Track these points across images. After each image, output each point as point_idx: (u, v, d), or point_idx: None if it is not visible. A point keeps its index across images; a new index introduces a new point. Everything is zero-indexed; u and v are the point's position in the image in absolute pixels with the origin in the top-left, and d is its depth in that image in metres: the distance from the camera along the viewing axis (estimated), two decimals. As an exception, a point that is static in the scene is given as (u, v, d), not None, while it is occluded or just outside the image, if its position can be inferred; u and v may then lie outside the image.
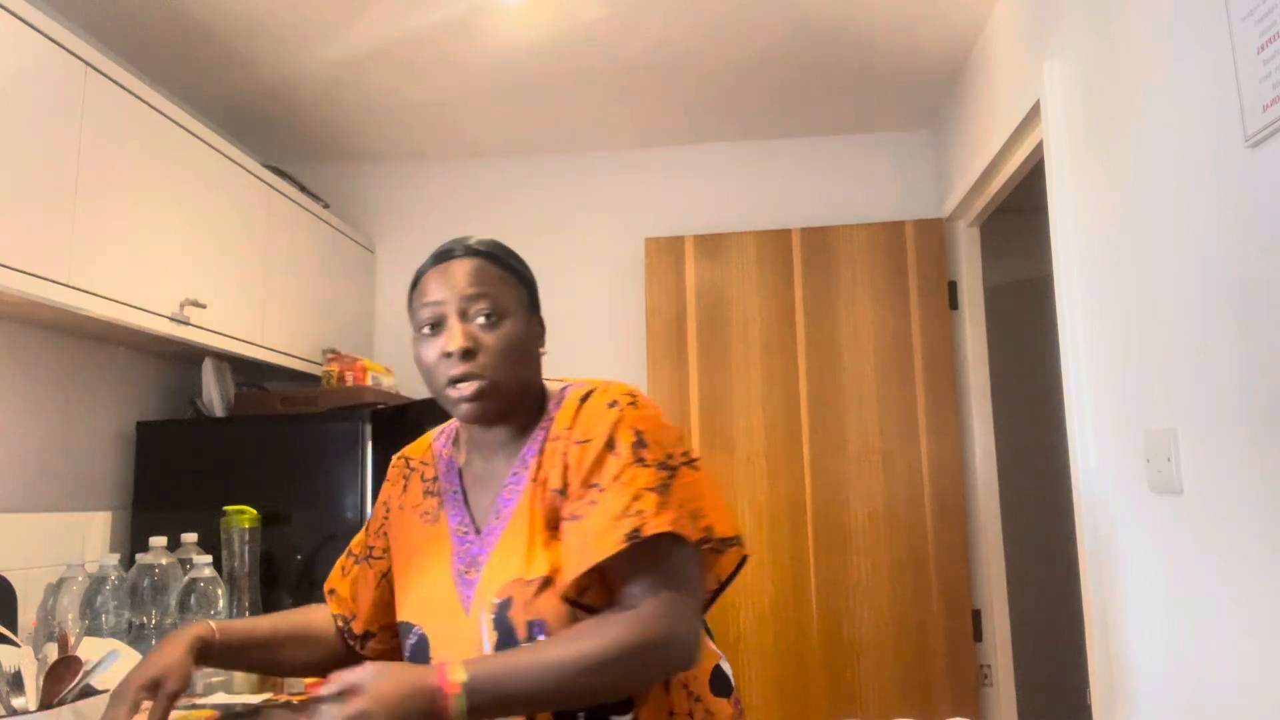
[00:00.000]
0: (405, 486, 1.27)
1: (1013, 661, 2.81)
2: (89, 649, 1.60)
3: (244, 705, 1.65)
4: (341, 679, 0.96)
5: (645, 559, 1.03)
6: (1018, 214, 3.59)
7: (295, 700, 0.99)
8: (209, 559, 1.97)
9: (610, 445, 1.09)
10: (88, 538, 2.26)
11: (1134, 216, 1.62)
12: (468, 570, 1.13)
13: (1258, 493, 1.27)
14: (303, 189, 2.86)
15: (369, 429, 2.31)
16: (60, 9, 2.24)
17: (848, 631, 2.82)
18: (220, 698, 1.74)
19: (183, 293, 2.15)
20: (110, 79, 1.93)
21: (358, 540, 1.33)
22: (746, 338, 3.00)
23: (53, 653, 1.48)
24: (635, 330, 3.19)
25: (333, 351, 2.84)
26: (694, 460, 1.12)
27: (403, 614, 1.18)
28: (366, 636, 1.27)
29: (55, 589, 1.90)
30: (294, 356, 2.68)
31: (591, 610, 1.06)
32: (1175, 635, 1.53)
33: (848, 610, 2.83)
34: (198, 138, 2.24)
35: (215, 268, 2.31)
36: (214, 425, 2.46)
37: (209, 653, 1.17)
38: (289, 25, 2.38)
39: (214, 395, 2.53)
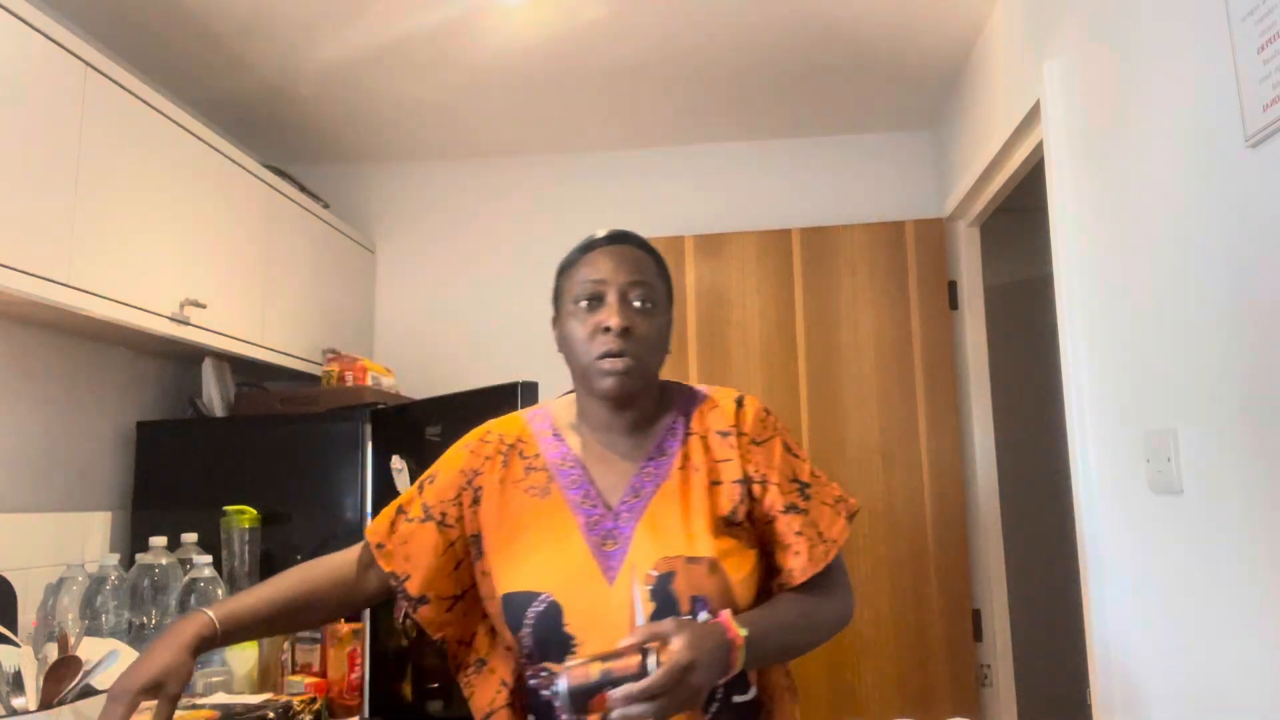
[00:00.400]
0: (505, 462, 1.27)
1: (1013, 661, 2.80)
2: (89, 649, 1.60)
3: (244, 705, 1.65)
4: (646, 631, 1.02)
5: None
6: (1018, 214, 3.59)
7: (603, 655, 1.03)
8: (209, 559, 1.97)
9: (788, 449, 1.26)
10: (88, 538, 2.26)
11: (1134, 216, 1.62)
12: (605, 543, 1.19)
13: (1258, 493, 1.27)
14: (303, 189, 2.86)
15: (369, 429, 2.31)
16: (60, 9, 2.24)
17: (848, 631, 2.81)
18: (220, 698, 1.74)
19: (183, 293, 2.15)
20: (110, 79, 1.93)
21: (410, 499, 1.29)
22: (746, 338, 3.00)
23: (53, 653, 1.48)
24: (635, 330, 3.18)
25: (333, 351, 2.84)
26: None
27: (517, 583, 1.18)
28: (421, 600, 1.25)
29: (55, 589, 1.90)
30: (294, 356, 2.68)
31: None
32: (1175, 635, 1.53)
33: (848, 610, 2.82)
34: (198, 138, 2.24)
35: (215, 268, 2.30)
36: (214, 425, 2.46)
37: (211, 646, 1.17)
38: (289, 25, 2.38)
39: (214, 395, 2.53)
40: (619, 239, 1.26)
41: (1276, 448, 1.23)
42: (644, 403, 1.26)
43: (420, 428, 2.05)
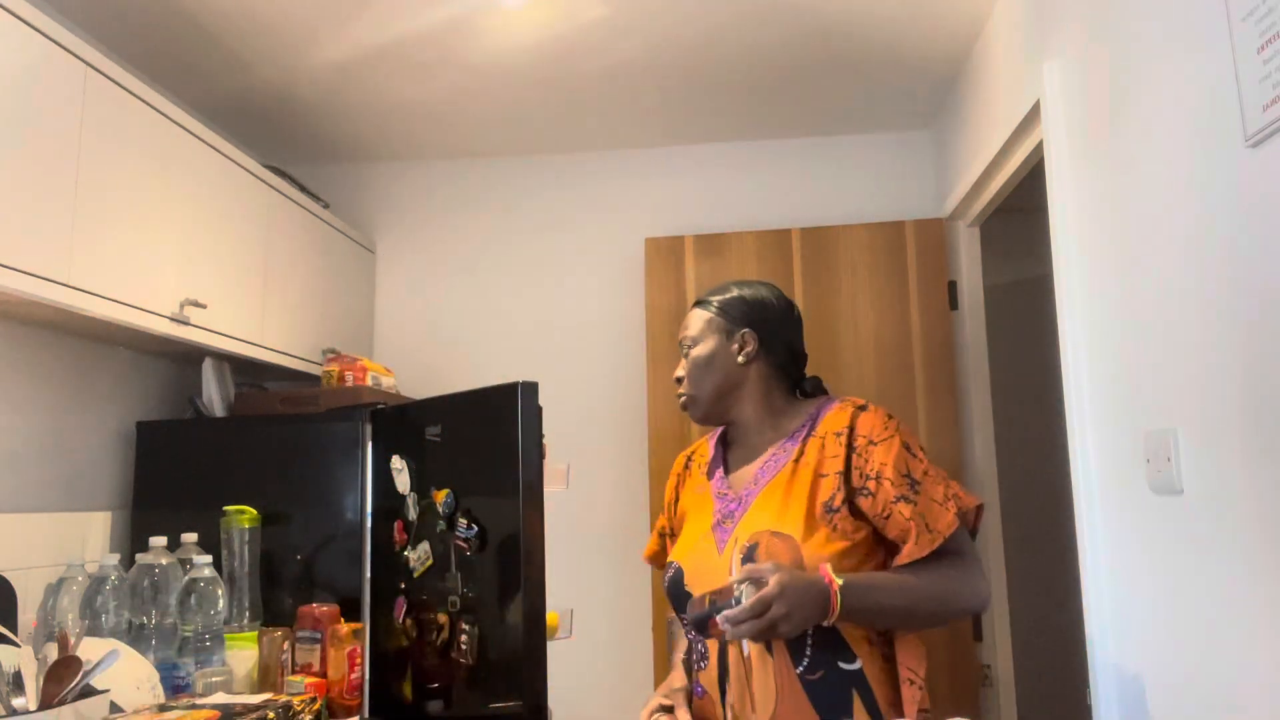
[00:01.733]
0: (687, 467, 1.68)
1: (1013, 661, 2.81)
2: (89, 649, 1.60)
3: (244, 705, 1.65)
4: (748, 570, 1.26)
5: (960, 530, 1.41)
6: (1018, 214, 3.59)
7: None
8: (209, 559, 1.97)
9: (907, 448, 1.42)
10: (88, 538, 2.26)
11: (1134, 216, 1.62)
12: (724, 521, 1.49)
13: (1258, 493, 1.27)
14: (303, 189, 2.86)
15: (369, 429, 2.31)
16: (60, 9, 2.24)
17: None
18: (220, 698, 1.74)
19: (183, 293, 2.15)
20: (110, 79, 1.93)
21: (663, 524, 1.70)
22: (746, 338, 2.99)
23: (53, 653, 1.48)
24: (635, 330, 3.19)
25: (333, 351, 2.84)
26: None
27: (672, 557, 1.55)
28: None
29: (55, 589, 1.90)
30: (294, 356, 2.68)
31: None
32: (1175, 636, 1.53)
33: (848, 610, 2.82)
34: (198, 138, 2.24)
35: (215, 268, 2.31)
36: (214, 425, 2.46)
37: None
38: (289, 25, 2.38)
39: (214, 395, 2.53)
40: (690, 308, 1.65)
41: (1276, 448, 1.23)
42: (737, 412, 1.58)
43: (420, 428, 2.05)
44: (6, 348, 2.05)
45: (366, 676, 2.03)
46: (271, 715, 1.60)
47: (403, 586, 2.01)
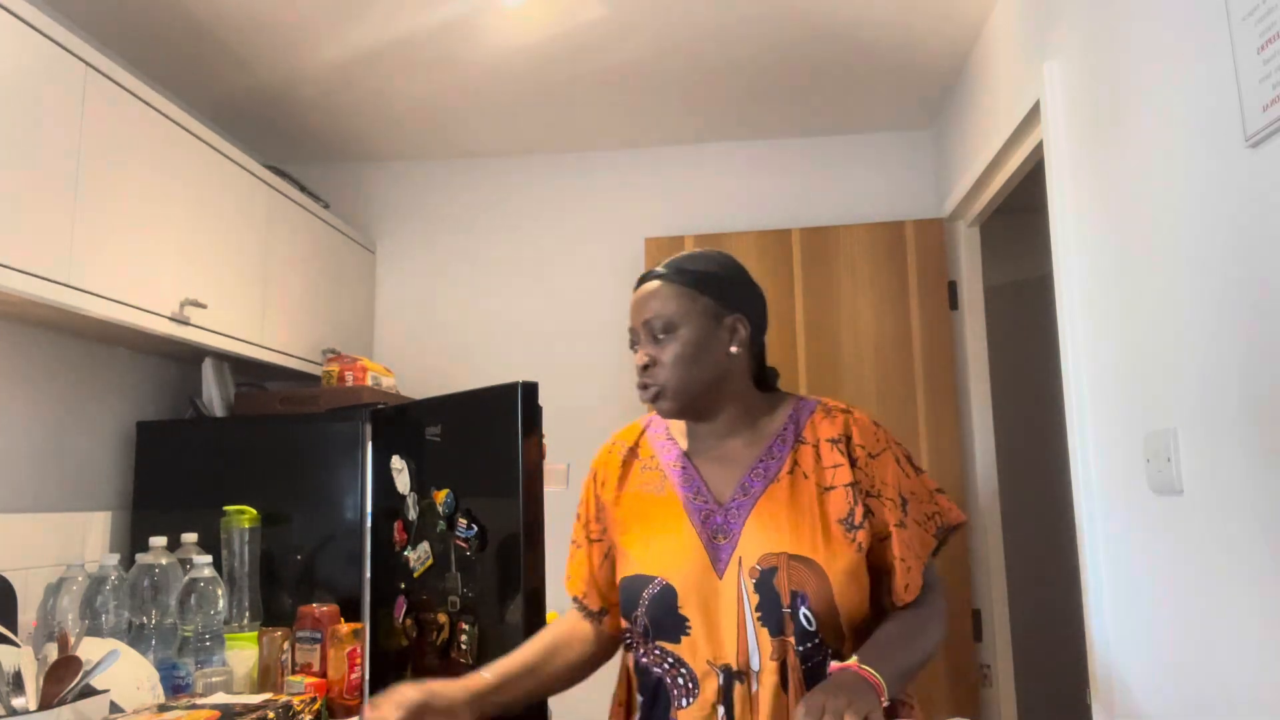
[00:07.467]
0: (624, 464, 1.41)
1: (1013, 661, 2.81)
2: (89, 649, 1.60)
3: (244, 705, 1.65)
4: (805, 705, 1.04)
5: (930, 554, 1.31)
6: (1018, 214, 3.59)
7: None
8: (209, 559, 1.97)
9: (897, 461, 1.30)
10: (88, 538, 2.26)
11: (1134, 216, 1.62)
12: (716, 536, 1.27)
13: (1258, 493, 1.27)
14: (303, 189, 2.86)
15: (369, 429, 2.31)
16: (60, 9, 2.24)
17: (848, 631, 2.82)
18: (220, 698, 1.74)
19: (183, 293, 2.15)
20: (110, 79, 1.93)
21: (577, 530, 1.45)
22: (746, 338, 2.99)
23: (53, 653, 1.49)
24: (635, 330, 3.19)
25: (333, 351, 2.84)
26: None
27: (634, 569, 1.29)
28: (601, 613, 1.42)
29: (55, 589, 1.90)
30: (294, 356, 2.68)
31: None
32: (1175, 635, 1.53)
33: (848, 610, 2.82)
34: (198, 138, 2.24)
35: (215, 268, 2.31)
36: (214, 425, 2.46)
37: (484, 700, 1.28)
38: (289, 25, 2.38)
39: (214, 395, 2.53)
40: (643, 279, 1.36)
41: (1276, 448, 1.23)
42: (716, 410, 1.34)
43: (420, 428, 2.05)
44: (6, 348, 2.05)
45: (366, 676, 2.03)
46: (271, 715, 1.60)
47: (403, 586, 2.01)
